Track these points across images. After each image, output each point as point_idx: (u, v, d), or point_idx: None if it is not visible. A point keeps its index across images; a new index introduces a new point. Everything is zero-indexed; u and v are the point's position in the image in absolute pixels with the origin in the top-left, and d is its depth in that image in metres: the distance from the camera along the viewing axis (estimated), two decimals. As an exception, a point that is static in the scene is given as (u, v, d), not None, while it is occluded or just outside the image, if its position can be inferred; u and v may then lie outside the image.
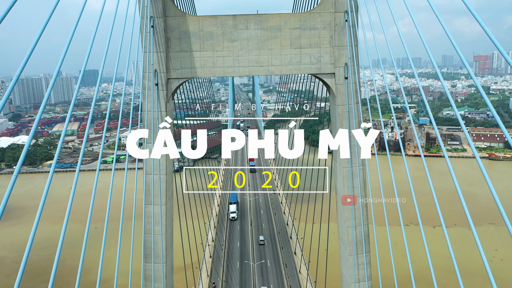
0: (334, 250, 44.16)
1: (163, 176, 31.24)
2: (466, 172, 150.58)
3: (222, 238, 75.11)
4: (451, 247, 20.26)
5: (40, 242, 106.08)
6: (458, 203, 19.52)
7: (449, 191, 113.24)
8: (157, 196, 30.98)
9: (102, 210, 22.86)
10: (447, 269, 67.47)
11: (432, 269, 22.47)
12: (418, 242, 26.90)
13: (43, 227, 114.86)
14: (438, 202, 22.05)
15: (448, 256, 20.70)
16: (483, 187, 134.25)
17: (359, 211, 32.08)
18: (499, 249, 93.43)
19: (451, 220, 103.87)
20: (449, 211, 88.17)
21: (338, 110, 31.11)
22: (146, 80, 30.11)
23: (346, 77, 30.49)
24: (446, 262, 24.25)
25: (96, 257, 22.62)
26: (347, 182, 31.75)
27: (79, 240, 20.47)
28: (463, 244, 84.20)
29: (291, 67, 30.69)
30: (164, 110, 30.61)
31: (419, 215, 23.98)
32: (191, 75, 30.67)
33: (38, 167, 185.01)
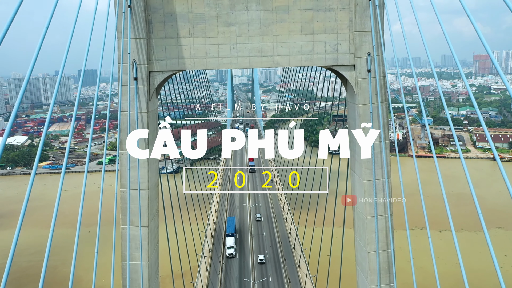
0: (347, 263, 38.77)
1: (143, 191, 25.47)
2: (470, 173, 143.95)
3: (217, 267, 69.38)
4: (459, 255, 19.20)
5: (30, 247, 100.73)
6: (464, 206, 20.37)
7: (454, 193, 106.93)
8: (135, 215, 25.22)
9: (95, 214, 21.77)
10: (456, 278, 61.50)
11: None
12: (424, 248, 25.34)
13: (34, 232, 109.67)
14: (443, 204, 21.14)
15: (456, 262, 19.80)
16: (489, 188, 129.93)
17: (384, 232, 26.37)
18: (510, 255, 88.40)
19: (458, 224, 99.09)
20: (455, 214, 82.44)
21: (358, 110, 25.38)
22: (122, 74, 24.35)
23: (369, 70, 24.77)
24: (455, 270, 22.27)
25: (89, 263, 22.77)
26: (369, 198, 26.04)
27: (72, 245, 19.48)
28: (471, 249, 79.30)
29: (301, 57, 24.95)
30: (145, 111, 24.84)
31: (450, 219, 20.81)
32: (178, 67, 24.89)
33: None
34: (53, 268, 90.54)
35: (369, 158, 25.43)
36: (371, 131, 24.28)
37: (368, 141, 25.07)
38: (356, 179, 27.57)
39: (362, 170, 25.89)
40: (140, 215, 24.83)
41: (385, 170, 25.78)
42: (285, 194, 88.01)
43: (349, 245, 37.83)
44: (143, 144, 24.94)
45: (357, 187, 27.38)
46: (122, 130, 24.85)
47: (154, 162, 26.74)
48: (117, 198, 22.59)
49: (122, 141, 24.92)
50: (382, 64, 24.76)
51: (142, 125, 24.74)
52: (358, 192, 27.25)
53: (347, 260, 40.32)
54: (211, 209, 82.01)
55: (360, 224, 27.36)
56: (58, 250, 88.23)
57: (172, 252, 41.09)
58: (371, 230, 26.33)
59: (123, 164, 25.13)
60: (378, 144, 25.48)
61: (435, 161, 22.31)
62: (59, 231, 79.46)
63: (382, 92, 25.04)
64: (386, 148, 25.60)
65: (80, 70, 22.88)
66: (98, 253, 21.11)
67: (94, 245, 21.05)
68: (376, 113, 25.19)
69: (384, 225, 26.31)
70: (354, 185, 28.04)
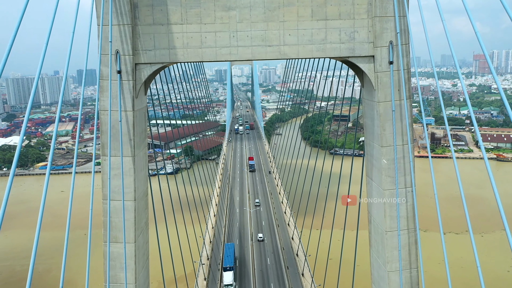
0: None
1: (129, 203, 21.94)
2: (473, 174, 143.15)
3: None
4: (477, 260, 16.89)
5: (24, 250, 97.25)
6: (468, 207, 17.59)
7: (457, 195, 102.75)
8: (119, 230, 21.70)
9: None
10: (464, 282, 57.46)
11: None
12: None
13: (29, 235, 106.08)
14: (447, 206, 18.42)
15: (461, 265, 23.92)
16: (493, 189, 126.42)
17: (406, 249, 22.87)
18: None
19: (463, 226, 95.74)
20: (460, 215, 78.87)
21: (378, 109, 21.86)
22: (103, 66, 20.82)
23: (391, 62, 21.26)
24: (461, 273, 20.33)
25: (83, 267, 21.81)
26: (390, 210, 22.52)
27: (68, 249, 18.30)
28: (478, 252, 75.93)
29: (311, 47, 21.42)
30: (131, 109, 21.30)
31: (469, 222, 18.42)
32: (169, 58, 21.35)
33: (29, 169, 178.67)
34: (46, 272, 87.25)
35: (390, 164, 21.98)
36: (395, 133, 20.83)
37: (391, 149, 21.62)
38: (373, 188, 24.07)
39: (382, 178, 22.40)
40: (124, 230, 21.30)
41: (409, 178, 22.30)
42: (287, 198, 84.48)
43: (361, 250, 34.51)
44: (128, 148, 21.46)
45: (375, 197, 23.86)
46: (103, 132, 21.33)
47: (142, 169, 23.25)
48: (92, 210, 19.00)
49: (104, 144, 21.40)
50: (407, 55, 21.26)
51: (127, 126, 21.24)
52: (376, 203, 23.74)
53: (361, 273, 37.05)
54: (210, 213, 78.43)
55: (378, 239, 23.87)
56: (52, 253, 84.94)
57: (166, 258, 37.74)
58: (392, 247, 22.83)
59: (105, 171, 21.64)
60: (401, 148, 21.99)
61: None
62: (54, 234, 75.60)
63: (406, 88, 21.55)
64: (410, 153, 22.11)
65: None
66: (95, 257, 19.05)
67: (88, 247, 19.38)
68: (399, 112, 21.69)
69: (407, 240, 22.83)
70: (371, 195, 24.55)
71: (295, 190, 71.87)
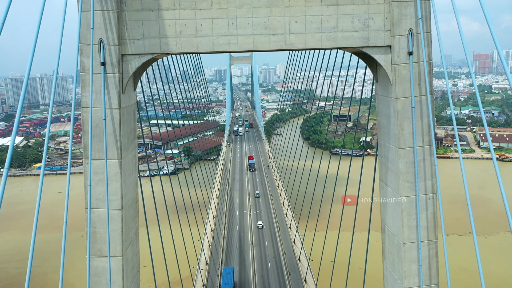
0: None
1: (115, 212, 19.45)
2: (476, 174, 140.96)
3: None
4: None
5: (20, 253, 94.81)
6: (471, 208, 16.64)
7: (460, 195, 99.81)
8: (104, 242, 19.22)
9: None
10: (468, 286, 54.69)
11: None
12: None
13: (25, 237, 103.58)
14: (450, 207, 16.80)
15: (465, 268, 22.43)
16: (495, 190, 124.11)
17: (426, 262, 20.41)
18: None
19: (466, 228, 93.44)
20: (463, 217, 76.86)
21: (395, 106, 19.39)
22: (84, 57, 18.36)
23: (411, 52, 18.80)
24: (464, 277, 19.30)
25: (82, 270, 21.05)
26: (408, 219, 20.07)
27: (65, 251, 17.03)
28: (481, 254, 73.83)
29: (321, 36, 18.96)
30: (117, 106, 18.82)
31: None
32: (160, 49, 18.88)
33: (27, 170, 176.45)
34: (43, 275, 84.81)
35: (409, 167, 19.54)
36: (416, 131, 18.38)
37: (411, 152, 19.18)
38: (388, 194, 21.62)
39: (399, 184, 19.94)
40: (109, 243, 18.82)
41: (430, 183, 19.85)
42: (288, 199, 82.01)
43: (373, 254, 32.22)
44: (113, 150, 19.01)
45: (390, 205, 21.42)
46: (85, 132, 18.87)
47: (130, 173, 20.79)
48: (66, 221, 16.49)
49: (86, 146, 18.94)
50: (429, 45, 18.81)
51: (113, 125, 18.78)
52: (392, 211, 21.29)
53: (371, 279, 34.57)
54: (209, 216, 75.91)
55: (394, 251, 21.42)
56: (49, 255, 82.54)
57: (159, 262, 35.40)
58: (411, 260, 20.38)
59: (87, 176, 19.18)
60: (421, 150, 19.54)
61: (461, 162, 18.72)
62: (52, 236, 72.75)
63: (427, 82, 19.11)
64: (432, 155, 19.67)
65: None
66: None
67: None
68: (419, 109, 19.23)
69: (427, 253, 20.38)
70: (385, 202, 22.10)
71: (297, 192, 69.41)
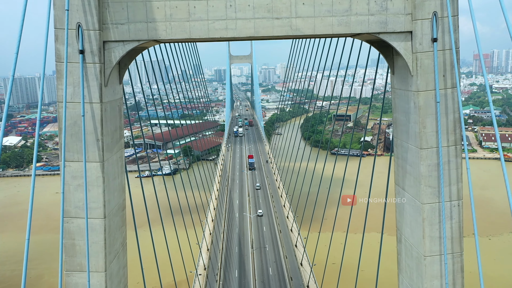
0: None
1: (96, 222, 17.04)
2: (478, 174, 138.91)
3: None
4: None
5: (16, 254, 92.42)
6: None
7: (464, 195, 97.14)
8: (85, 256, 16.79)
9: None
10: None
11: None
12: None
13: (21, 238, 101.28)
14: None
15: (470, 271, 18.16)
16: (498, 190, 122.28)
17: (451, 278, 17.96)
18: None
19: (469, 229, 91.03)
20: (465, 218, 74.23)
21: (417, 100, 16.97)
22: (59, 44, 15.96)
23: (435, 39, 16.39)
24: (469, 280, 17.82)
25: None
26: (430, 229, 17.66)
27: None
28: (484, 256, 71.81)
29: (332, 20, 16.55)
30: (98, 101, 16.40)
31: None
32: (147, 35, 16.47)
33: (25, 170, 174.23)
34: (38, 277, 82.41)
35: (432, 171, 17.14)
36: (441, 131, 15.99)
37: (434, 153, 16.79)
38: (405, 200, 19.20)
39: (420, 189, 17.52)
40: (88, 257, 16.39)
41: (455, 188, 17.44)
42: (289, 201, 79.59)
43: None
44: (94, 151, 16.60)
45: (408, 212, 19.00)
46: (61, 130, 16.44)
47: (115, 177, 18.37)
48: (30, 226, 14.07)
49: (62, 146, 16.52)
50: (456, 31, 16.41)
51: (93, 122, 16.36)
52: (410, 220, 18.88)
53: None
54: (207, 219, 73.49)
55: (413, 264, 19.00)
56: (45, 257, 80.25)
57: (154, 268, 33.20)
58: (432, 276, 17.96)
59: (66, 181, 16.78)
60: (446, 151, 17.14)
61: (502, 163, 16.81)
62: (48, 237, 70.40)
63: (452, 73, 16.72)
64: (458, 156, 17.27)
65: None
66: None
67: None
68: (444, 104, 16.82)
69: (451, 267, 17.97)
70: (402, 209, 19.68)
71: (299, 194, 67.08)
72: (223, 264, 61.45)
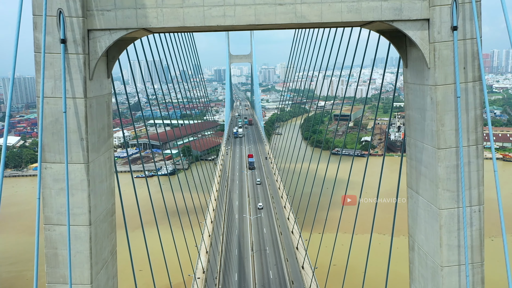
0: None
1: (81, 229, 15.45)
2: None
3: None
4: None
5: (12, 256, 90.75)
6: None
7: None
8: (65, 265, 15.20)
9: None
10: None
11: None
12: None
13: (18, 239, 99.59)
14: None
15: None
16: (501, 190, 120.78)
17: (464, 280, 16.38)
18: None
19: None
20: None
21: (434, 96, 15.38)
22: (38, 32, 14.36)
23: (456, 27, 14.81)
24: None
25: None
26: (449, 237, 16.07)
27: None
28: (487, 258, 70.53)
29: (341, 6, 14.97)
30: (82, 96, 14.82)
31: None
32: (136, 23, 14.88)
33: (23, 170, 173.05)
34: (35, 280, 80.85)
35: (450, 173, 15.56)
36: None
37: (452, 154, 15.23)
38: (420, 205, 17.61)
39: (437, 193, 15.93)
40: (70, 268, 14.80)
41: (476, 192, 15.86)
42: (290, 202, 78.00)
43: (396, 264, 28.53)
44: (78, 151, 15.01)
45: (423, 218, 17.40)
46: (43, 128, 14.87)
47: (103, 180, 16.77)
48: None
49: (44, 146, 14.94)
50: (479, 17, 14.81)
51: (76, 119, 14.77)
52: (425, 226, 17.28)
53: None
54: (206, 221, 71.89)
55: (428, 275, 17.40)
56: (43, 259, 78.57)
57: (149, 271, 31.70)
58: (450, 285, 16.36)
59: (45, 184, 15.19)
60: (466, 151, 15.55)
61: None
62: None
63: (474, 65, 15.13)
64: (479, 157, 15.69)
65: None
66: None
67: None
68: (464, 99, 15.23)
69: (470, 279, 16.38)
70: (415, 214, 18.09)
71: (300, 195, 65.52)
72: (222, 267, 59.84)
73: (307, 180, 61.55)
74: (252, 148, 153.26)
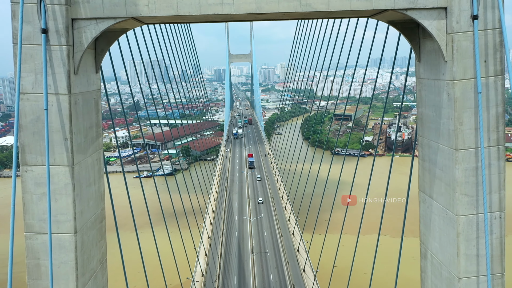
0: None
1: (65, 237, 14.14)
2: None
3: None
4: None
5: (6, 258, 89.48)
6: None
7: None
8: (48, 277, 13.89)
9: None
10: None
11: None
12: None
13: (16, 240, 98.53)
14: None
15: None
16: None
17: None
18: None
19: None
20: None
21: (452, 91, 14.07)
22: (17, 21, 13.04)
23: (476, 16, 13.50)
24: None
25: None
26: (467, 246, 14.75)
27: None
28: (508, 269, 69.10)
29: (350, -7, 13.65)
30: (66, 92, 13.49)
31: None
32: (125, 11, 13.55)
33: None
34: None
35: (469, 176, 14.25)
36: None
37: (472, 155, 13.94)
38: (433, 210, 16.28)
39: (454, 197, 14.61)
40: (51, 280, 13.49)
41: (498, 197, 14.55)
42: (291, 204, 76.64)
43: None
44: (62, 152, 13.68)
45: (437, 225, 16.06)
46: (23, 127, 13.55)
47: (90, 184, 15.44)
48: None
49: (24, 146, 13.62)
50: (503, 6, 13.48)
51: (60, 118, 13.45)
52: (439, 233, 15.95)
53: None
54: (205, 223, 70.54)
55: (442, 286, 16.08)
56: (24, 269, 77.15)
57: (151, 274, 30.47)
58: (468, 301, 15.05)
59: (28, 188, 13.89)
60: (486, 152, 14.23)
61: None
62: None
63: (496, 58, 13.81)
64: (500, 159, 14.37)
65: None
66: None
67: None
68: (485, 95, 13.91)
69: None
70: (428, 220, 16.76)
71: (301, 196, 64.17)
72: (221, 270, 58.50)
73: (307, 181, 60.31)
74: (252, 148, 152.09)
